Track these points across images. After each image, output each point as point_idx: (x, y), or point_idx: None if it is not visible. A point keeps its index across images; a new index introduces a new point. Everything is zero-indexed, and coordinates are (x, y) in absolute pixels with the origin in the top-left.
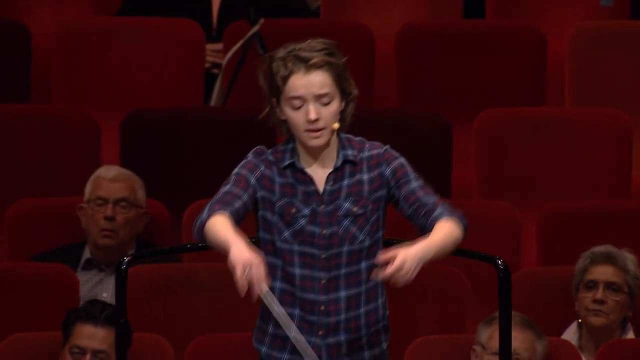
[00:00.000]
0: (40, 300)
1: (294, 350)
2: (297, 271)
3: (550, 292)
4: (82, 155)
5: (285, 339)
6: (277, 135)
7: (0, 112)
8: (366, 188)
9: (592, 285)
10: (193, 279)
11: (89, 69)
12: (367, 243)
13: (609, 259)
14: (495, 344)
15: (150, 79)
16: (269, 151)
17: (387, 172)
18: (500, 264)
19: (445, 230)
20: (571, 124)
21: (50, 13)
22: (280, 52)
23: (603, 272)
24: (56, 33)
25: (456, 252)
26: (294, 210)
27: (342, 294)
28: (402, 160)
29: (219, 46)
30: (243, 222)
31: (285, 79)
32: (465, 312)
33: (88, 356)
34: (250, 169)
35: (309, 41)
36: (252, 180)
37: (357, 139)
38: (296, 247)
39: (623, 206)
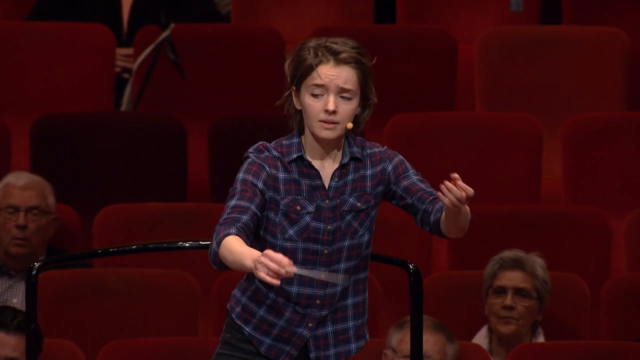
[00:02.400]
0: None
1: (278, 338)
2: (298, 267)
3: (461, 296)
4: None
5: (273, 325)
6: (186, 142)
7: None
8: (369, 183)
9: (501, 291)
10: (104, 285)
11: None
12: (366, 237)
13: (517, 265)
14: (406, 347)
15: (61, 84)
16: (272, 145)
17: (389, 167)
18: (411, 268)
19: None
20: (482, 129)
21: None
22: (312, 42)
23: (512, 278)
24: None
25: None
26: (298, 207)
27: (339, 288)
28: (401, 157)
29: (130, 51)
30: None
31: (314, 66)
32: (377, 316)
33: None
34: (255, 173)
35: (342, 38)
36: (260, 185)
37: (358, 138)
38: (300, 245)
39: (533, 210)
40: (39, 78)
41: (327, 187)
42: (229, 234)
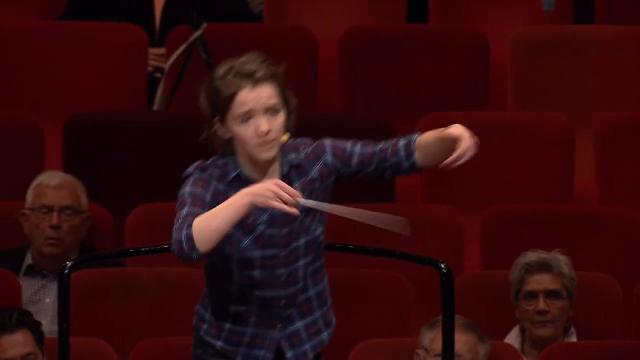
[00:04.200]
0: None
1: (252, 345)
2: (258, 272)
3: (493, 296)
4: (25, 160)
5: (242, 334)
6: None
7: None
8: (317, 183)
9: (532, 295)
10: (136, 284)
11: (32, 74)
12: (319, 231)
13: (544, 267)
14: (438, 346)
15: (94, 83)
16: (210, 165)
17: (329, 158)
18: (443, 268)
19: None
20: (514, 128)
21: None
22: (221, 71)
23: (541, 282)
24: None
25: (400, 256)
26: (252, 218)
27: (301, 284)
28: (330, 141)
29: (162, 51)
30: None
31: (233, 96)
32: (409, 316)
33: None
34: (204, 186)
35: (245, 56)
36: (208, 198)
37: (289, 143)
38: (257, 253)
39: (565, 210)
40: (72, 78)
41: None
42: (195, 216)
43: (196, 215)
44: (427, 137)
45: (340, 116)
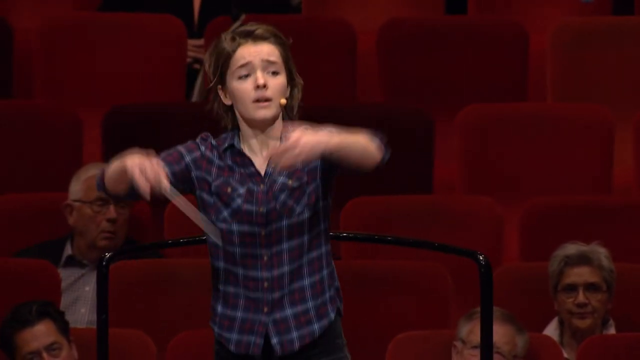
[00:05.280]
0: (22, 296)
1: (242, 330)
2: (238, 250)
3: (532, 288)
4: (64, 151)
5: (233, 318)
6: None
7: None
8: (298, 164)
9: (572, 288)
10: (175, 275)
11: (71, 65)
12: (306, 215)
13: (583, 259)
14: (475, 338)
15: (132, 75)
16: (210, 137)
17: None
18: (481, 259)
19: (357, 137)
20: (553, 120)
21: (32, 9)
22: (222, 36)
23: (580, 274)
24: (38, 29)
25: (438, 248)
26: (229, 189)
27: (286, 268)
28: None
29: (201, 42)
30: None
31: (233, 52)
32: (447, 308)
33: (45, 355)
34: (188, 148)
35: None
36: (187, 158)
37: (298, 122)
38: (235, 227)
39: (605, 202)
40: (111, 69)
41: (263, 174)
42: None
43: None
44: None
45: (378, 107)
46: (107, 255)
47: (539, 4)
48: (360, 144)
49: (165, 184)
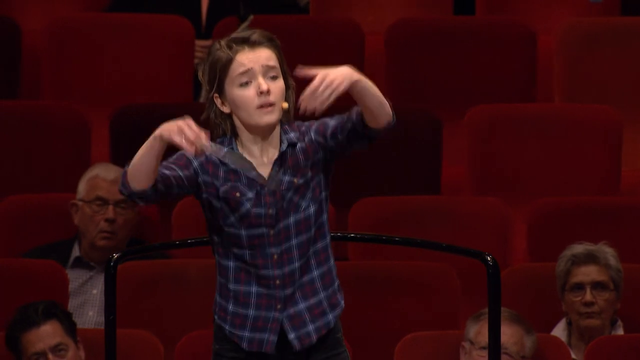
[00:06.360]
0: (29, 296)
1: (255, 328)
2: (247, 252)
3: (539, 288)
4: (72, 152)
5: (245, 317)
6: None
7: None
8: (301, 157)
9: (579, 287)
10: (182, 276)
11: (78, 66)
12: (312, 209)
13: (590, 259)
14: (483, 339)
15: (140, 75)
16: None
17: (312, 135)
18: (489, 260)
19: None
20: (561, 120)
21: (40, 9)
22: (217, 44)
23: (587, 273)
24: (46, 29)
25: (446, 249)
26: (237, 193)
27: (296, 264)
28: (322, 119)
29: (209, 42)
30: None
31: (229, 61)
32: (455, 309)
33: (50, 356)
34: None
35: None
36: (195, 163)
37: (296, 123)
38: (243, 232)
39: (612, 202)
40: (118, 69)
41: (266, 177)
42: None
43: (165, 167)
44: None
45: None
46: (115, 255)
47: (547, 4)
48: (379, 93)
49: (206, 142)
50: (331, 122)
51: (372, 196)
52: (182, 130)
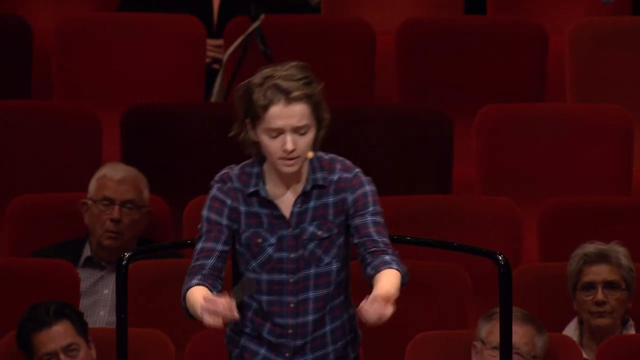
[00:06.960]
0: (40, 296)
1: None
2: (265, 298)
3: (551, 288)
4: (83, 151)
5: (255, 353)
6: None
7: (0, 108)
8: (331, 211)
9: (590, 286)
10: None
11: (90, 65)
12: (334, 266)
13: (602, 258)
14: (495, 338)
15: (151, 75)
16: (235, 173)
17: (350, 199)
18: (500, 260)
19: (397, 280)
20: (572, 120)
21: (51, 9)
22: (258, 79)
23: (599, 272)
24: (57, 29)
25: (457, 248)
26: (260, 240)
27: (310, 317)
28: (367, 188)
29: (220, 42)
30: None
31: (265, 108)
32: (466, 308)
33: (62, 356)
34: (218, 210)
35: (287, 67)
36: (224, 221)
37: (328, 157)
38: (264, 277)
39: (624, 202)
40: (129, 69)
41: (288, 216)
42: (191, 287)
43: (206, 255)
44: (375, 281)
45: (397, 108)
46: (126, 255)
47: (558, 4)
48: (399, 284)
49: (236, 315)
50: (369, 215)
51: (383, 196)
52: (214, 312)
